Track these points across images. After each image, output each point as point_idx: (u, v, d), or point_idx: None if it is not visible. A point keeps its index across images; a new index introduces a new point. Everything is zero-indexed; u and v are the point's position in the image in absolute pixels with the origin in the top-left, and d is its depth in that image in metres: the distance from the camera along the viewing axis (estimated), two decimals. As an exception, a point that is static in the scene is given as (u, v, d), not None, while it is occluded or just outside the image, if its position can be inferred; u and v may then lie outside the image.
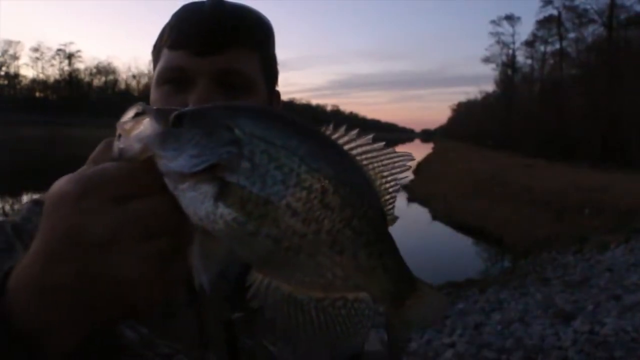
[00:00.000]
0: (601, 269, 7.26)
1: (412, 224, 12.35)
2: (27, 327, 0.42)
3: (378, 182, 0.47)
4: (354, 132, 0.46)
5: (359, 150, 0.46)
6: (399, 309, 0.48)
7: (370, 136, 0.47)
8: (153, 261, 0.42)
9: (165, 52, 0.74)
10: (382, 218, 0.46)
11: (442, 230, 11.61)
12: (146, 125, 0.43)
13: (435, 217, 12.95)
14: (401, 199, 16.13)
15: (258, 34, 0.76)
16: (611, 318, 4.98)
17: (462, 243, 10.47)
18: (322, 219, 0.42)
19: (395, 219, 0.48)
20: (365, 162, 0.46)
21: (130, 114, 0.45)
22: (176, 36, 0.72)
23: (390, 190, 0.47)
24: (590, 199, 12.41)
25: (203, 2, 0.74)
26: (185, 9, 0.75)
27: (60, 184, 0.43)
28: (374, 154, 0.47)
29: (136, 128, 0.44)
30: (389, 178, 0.47)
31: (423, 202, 14.90)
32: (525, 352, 4.38)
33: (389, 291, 0.47)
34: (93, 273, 0.41)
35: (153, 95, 0.74)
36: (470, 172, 20.72)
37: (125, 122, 0.44)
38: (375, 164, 0.47)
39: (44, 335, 0.43)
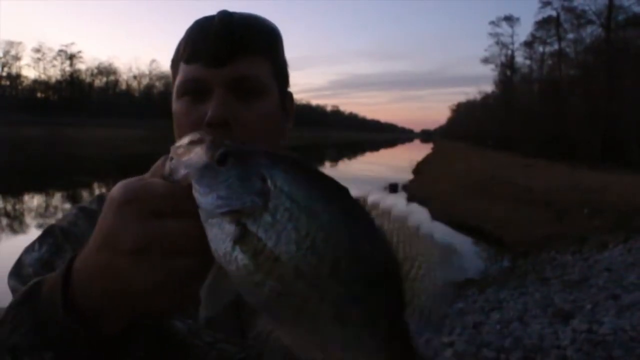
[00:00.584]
0: (600, 269, 7.27)
1: (411, 224, 12.31)
2: (83, 307, 0.49)
3: (407, 266, 0.44)
4: (392, 204, 0.45)
5: (392, 226, 0.44)
6: None
7: (408, 211, 0.45)
8: (177, 276, 0.45)
9: (182, 66, 0.78)
10: (399, 303, 0.44)
11: (441, 230, 11.61)
12: (195, 155, 0.46)
13: (434, 216, 12.95)
14: (400, 199, 16.14)
15: (266, 40, 0.80)
16: (610, 317, 5.00)
17: (462, 243, 10.48)
18: (328, 289, 0.42)
19: (441, 314, 0.45)
20: (396, 241, 0.44)
21: (186, 139, 0.48)
22: (190, 50, 0.77)
23: (426, 280, 0.44)
24: (590, 199, 12.43)
25: (213, 16, 0.79)
26: (197, 24, 0.80)
27: (117, 187, 0.48)
28: (408, 233, 0.45)
29: (187, 154, 0.46)
30: (424, 266, 0.44)
31: (422, 202, 14.91)
32: (524, 351, 4.40)
33: None
34: (120, 276, 0.46)
35: (174, 107, 0.79)
36: (469, 172, 20.73)
37: (179, 147, 0.47)
38: (408, 247, 0.44)
39: (96, 317, 0.49)
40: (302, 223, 0.42)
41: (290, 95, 0.87)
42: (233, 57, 0.75)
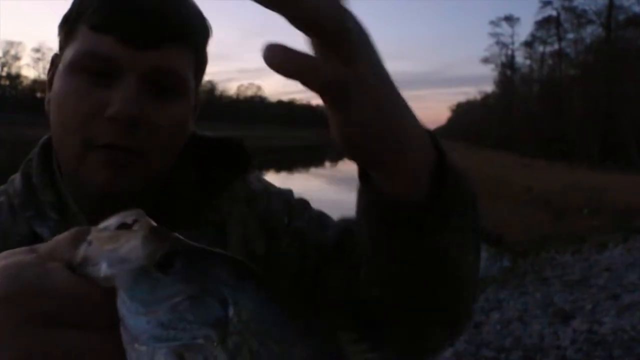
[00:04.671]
0: (600, 269, 7.28)
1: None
2: None
3: None
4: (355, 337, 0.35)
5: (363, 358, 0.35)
6: None
7: (376, 352, 0.34)
8: None
9: (85, 32, 0.56)
10: None
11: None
12: (125, 248, 0.32)
13: (434, 217, 12.95)
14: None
15: (198, 29, 0.63)
16: (610, 317, 5.00)
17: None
18: None
19: None
20: None
21: (114, 220, 0.33)
22: (104, 15, 0.55)
23: None
24: (589, 199, 12.44)
25: None
26: None
27: None
28: None
29: (113, 243, 0.32)
30: None
31: (422, 202, 14.90)
32: (524, 351, 4.40)
33: None
34: None
35: (59, 84, 0.58)
36: (469, 171, 20.69)
37: (104, 230, 0.33)
38: None
39: None
40: None
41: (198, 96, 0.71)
42: (161, 40, 0.56)
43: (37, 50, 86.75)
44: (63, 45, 0.60)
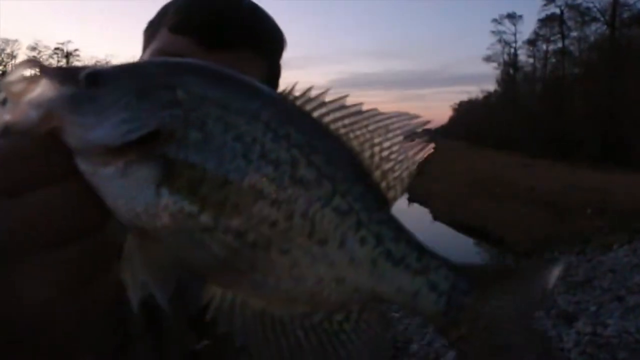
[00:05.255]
0: (604, 270, 7.23)
1: (413, 224, 12.32)
2: None
3: (368, 153, 0.37)
4: (322, 93, 0.37)
5: (333, 116, 0.36)
6: (460, 325, 0.35)
7: (345, 97, 0.37)
8: (64, 278, 0.29)
9: (164, 33, 0.62)
10: (376, 193, 0.37)
11: (443, 230, 11.59)
12: (46, 87, 0.31)
13: (436, 217, 12.91)
14: (401, 199, 16.10)
15: (274, 42, 0.70)
16: (614, 319, 4.95)
17: (463, 243, 10.44)
18: (295, 198, 0.33)
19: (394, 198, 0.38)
20: (343, 132, 0.37)
21: (15, 75, 0.32)
22: (183, 19, 0.61)
23: (392, 159, 0.38)
24: (592, 199, 12.38)
25: None
26: None
27: None
28: (353, 119, 0.37)
29: (30, 91, 0.31)
30: (385, 145, 0.37)
31: (424, 202, 14.87)
32: (528, 353, 4.36)
33: (411, 292, 0.35)
34: None
35: None
36: (471, 171, 20.69)
37: (14, 83, 0.32)
38: (358, 132, 0.37)
39: None
40: (244, 128, 0.32)
41: None
42: (233, 45, 0.61)
43: (34, 48, 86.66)
44: (144, 47, 0.65)
